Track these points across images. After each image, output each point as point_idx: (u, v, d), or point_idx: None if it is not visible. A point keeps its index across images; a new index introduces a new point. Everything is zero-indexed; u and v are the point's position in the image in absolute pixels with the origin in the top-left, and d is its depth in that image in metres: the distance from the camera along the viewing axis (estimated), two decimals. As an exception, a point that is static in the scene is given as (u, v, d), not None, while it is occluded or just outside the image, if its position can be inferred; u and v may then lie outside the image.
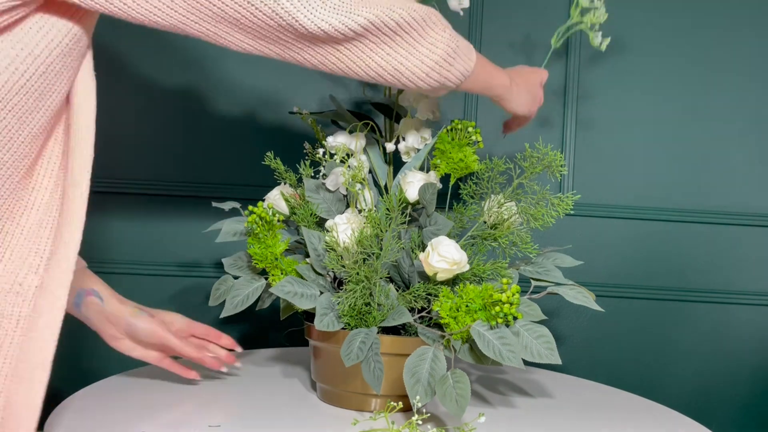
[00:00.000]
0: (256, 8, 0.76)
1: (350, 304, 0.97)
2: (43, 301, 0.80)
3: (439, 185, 1.08)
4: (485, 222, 1.07)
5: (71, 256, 0.80)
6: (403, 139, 1.11)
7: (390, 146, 1.11)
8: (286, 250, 1.08)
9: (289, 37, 0.80)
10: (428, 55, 0.89)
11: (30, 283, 0.80)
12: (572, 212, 1.07)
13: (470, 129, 1.07)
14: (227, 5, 0.76)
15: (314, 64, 0.85)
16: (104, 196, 1.51)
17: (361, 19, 0.81)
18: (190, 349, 1.04)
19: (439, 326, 0.96)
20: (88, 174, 0.82)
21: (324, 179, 1.12)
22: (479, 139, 1.08)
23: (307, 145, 1.22)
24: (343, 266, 0.99)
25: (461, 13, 1.19)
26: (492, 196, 1.09)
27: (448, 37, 0.90)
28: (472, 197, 1.11)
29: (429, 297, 1.00)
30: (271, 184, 1.18)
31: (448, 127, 1.09)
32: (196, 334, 1.10)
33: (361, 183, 1.04)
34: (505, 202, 1.04)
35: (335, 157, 1.05)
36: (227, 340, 1.11)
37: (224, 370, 1.10)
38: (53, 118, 0.85)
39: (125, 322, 1.00)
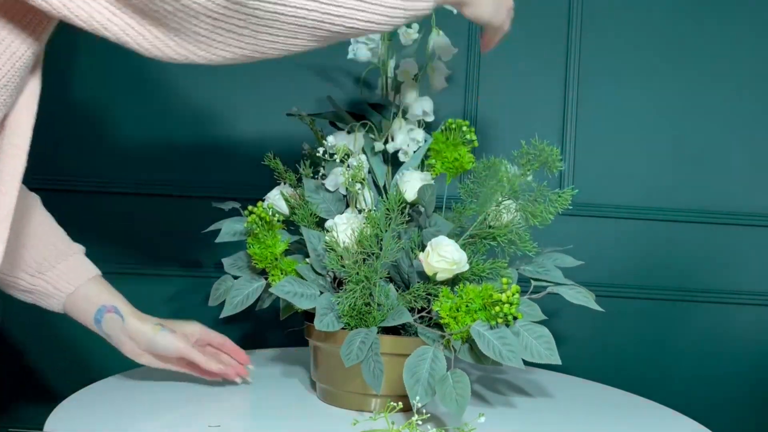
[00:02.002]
0: None
1: (350, 304, 0.97)
2: None
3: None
4: (485, 220, 1.07)
5: None
6: (392, 139, 1.11)
7: (379, 145, 1.11)
8: (286, 250, 1.07)
9: None
10: None
11: None
12: (573, 212, 1.07)
13: (464, 128, 1.07)
14: None
15: (311, 21, 0.70)
16: (105, 196, 1.51)
17: None
18: (213, 363, 1.04)
19: (439, 326, 0.96)
20: (18, 184, 0.75)
21: (323, 179, 1.11)
22: (474, 138, 1.07)
23: (306, 145, 1.22)
24: (343, 266, 0.99)
25: (455, 11, 1.18)
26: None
27: None
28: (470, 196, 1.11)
29: (429, 297, 1.00)
30: (271, 184, 1.18)
31: (443, 127, 1.09)
32: (213, 343, 1.09)
33: (360, 183, 1.04)
34: (503, 200, 1.04)
35: (335, 156, 1.05)
36: (244, 357, 1.11)
37: (239, 381, 1.09)
38: None
39: (146, 339, 0.99)
